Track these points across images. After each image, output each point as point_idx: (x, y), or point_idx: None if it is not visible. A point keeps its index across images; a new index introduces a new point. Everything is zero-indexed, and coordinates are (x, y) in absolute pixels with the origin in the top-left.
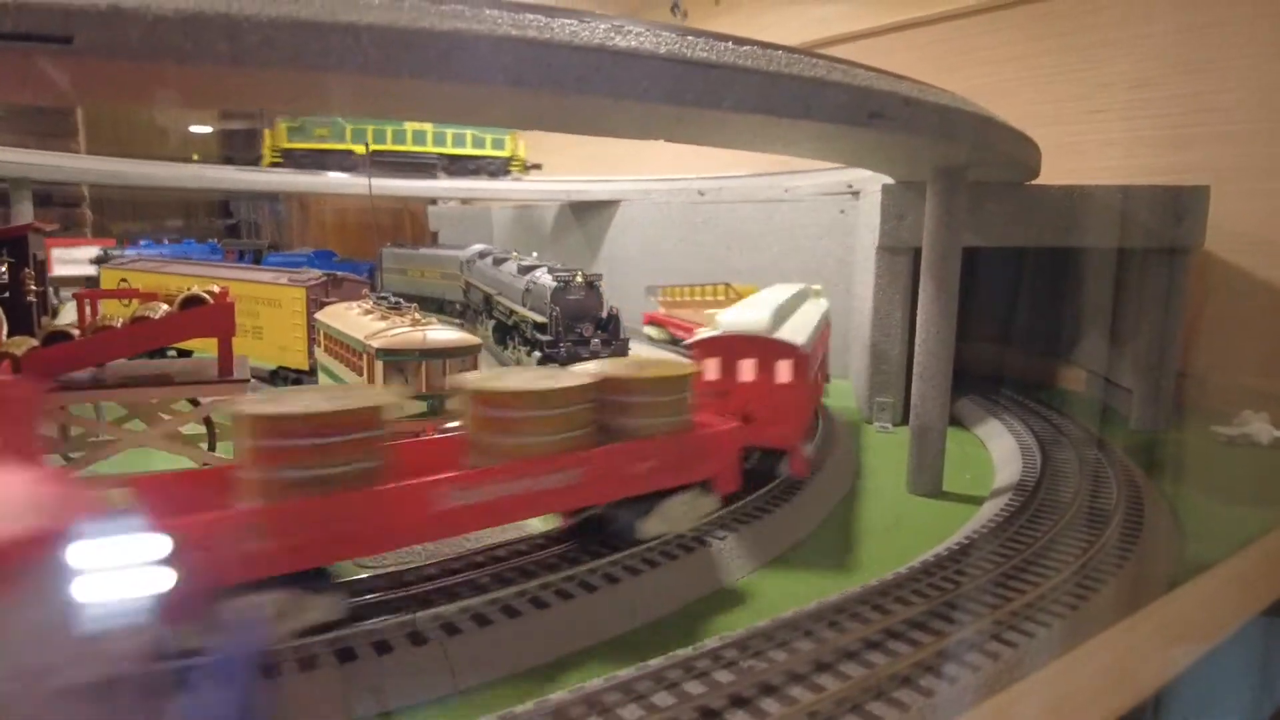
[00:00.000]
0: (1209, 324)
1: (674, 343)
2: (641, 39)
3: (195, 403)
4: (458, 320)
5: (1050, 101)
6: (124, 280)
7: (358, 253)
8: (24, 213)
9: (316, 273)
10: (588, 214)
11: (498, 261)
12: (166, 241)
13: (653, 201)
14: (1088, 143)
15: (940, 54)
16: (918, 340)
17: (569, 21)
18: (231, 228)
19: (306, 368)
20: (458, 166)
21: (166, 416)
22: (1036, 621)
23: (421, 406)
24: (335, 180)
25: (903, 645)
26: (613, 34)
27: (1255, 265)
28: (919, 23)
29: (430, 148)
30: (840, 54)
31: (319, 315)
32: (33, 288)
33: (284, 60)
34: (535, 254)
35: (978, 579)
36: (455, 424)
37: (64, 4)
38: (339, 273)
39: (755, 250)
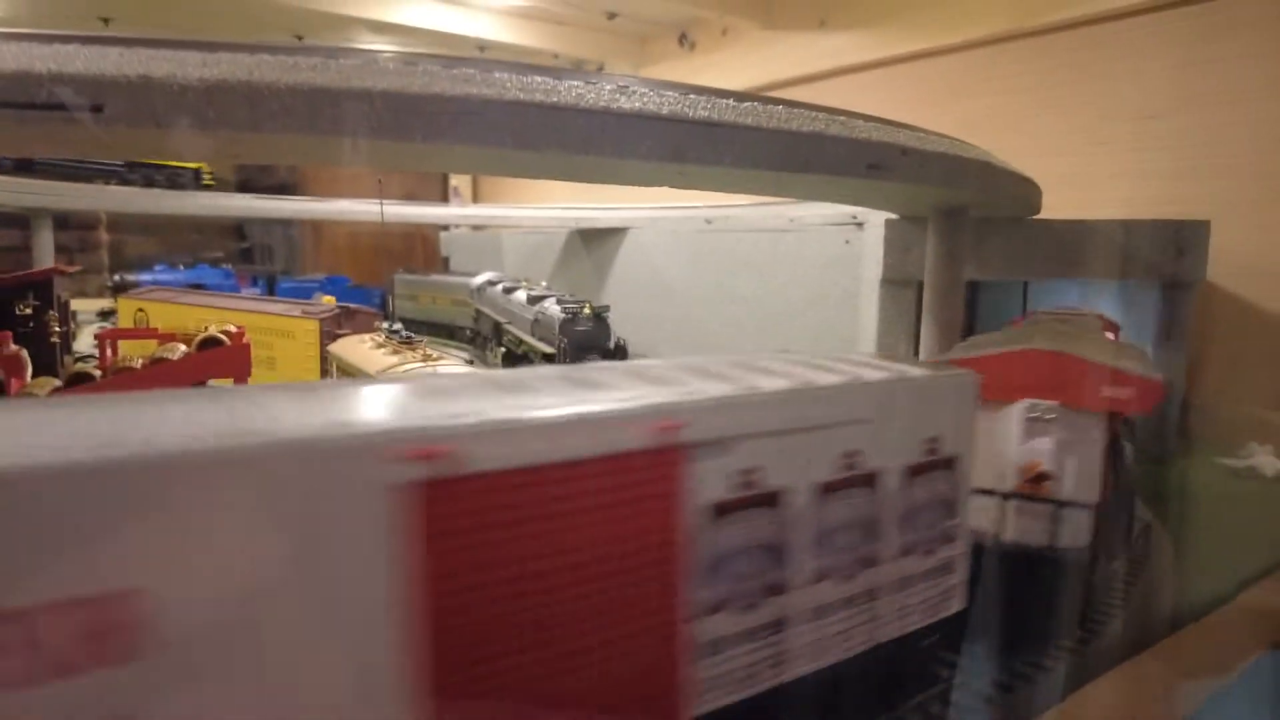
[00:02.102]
0: (1217, 355)
1: None
2: (645, 100)
3: None
4: (467, 347)
5: (1058, 132)
6: (141, 310)
7: (370, 277)
8: (44, 241)
9: (330, 305)
10: (596, 241)
11: (508, 290)
12: (181, 267)
13: (661, 229)
14: (1095, 173)
15: (947, 85)
16: None
17: (575, 83)
18: (245, 250)
19: None
20: (149, 175)
21: None
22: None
23: None
24: (346, 208)
25: None
26: (618, 95)
27: (1260, 297)
28: (926, 54)
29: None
30: (849, 84)
31: (332, 347)
32: (56, 329)
33: (301, 126)
34: (544, 283)
35: None
36: None
37: (96, 75)
38: (351, 305)
39: (761, 278)
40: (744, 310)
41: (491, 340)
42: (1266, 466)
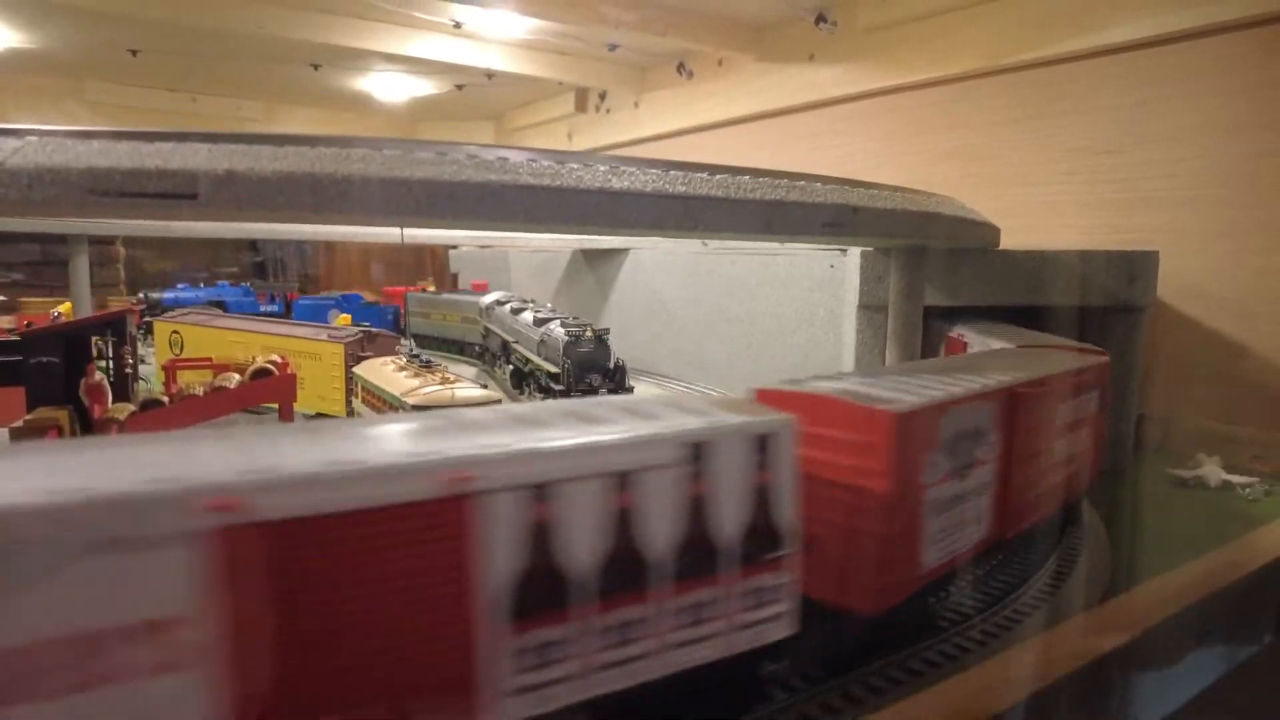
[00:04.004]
0: (1172, 370)
1: None
2: (633, 179)
3: None
4: (476, 362)
5: (1028, 163)
6: (175, 332)
7: (384, 292)
8: (81, 265)
9: (353, 329)
10: (599, 260)
11: (516, 310)
12: (202, 285)
13: (660, 251)
14: (1063, 202)
15: (926, 117)
16: None
17: (575, 166)
18: (258, 265)
19: (345, 414)
20: None
21: None
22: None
23: None
24: (364, 230)
25: None
26: (610, 176)
27: (1208, 318)
28: (907, 88)
29: None
30: (836, 114)
31: (357, 369)
32: (130, 361)
33: (353, 208)
34: (550, 305)
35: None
36: None
37: (192, 170)
38: (373, 328)
39: (753, 299)
40: (737, 329)
41: (500, 358)
42: (1211, 476)
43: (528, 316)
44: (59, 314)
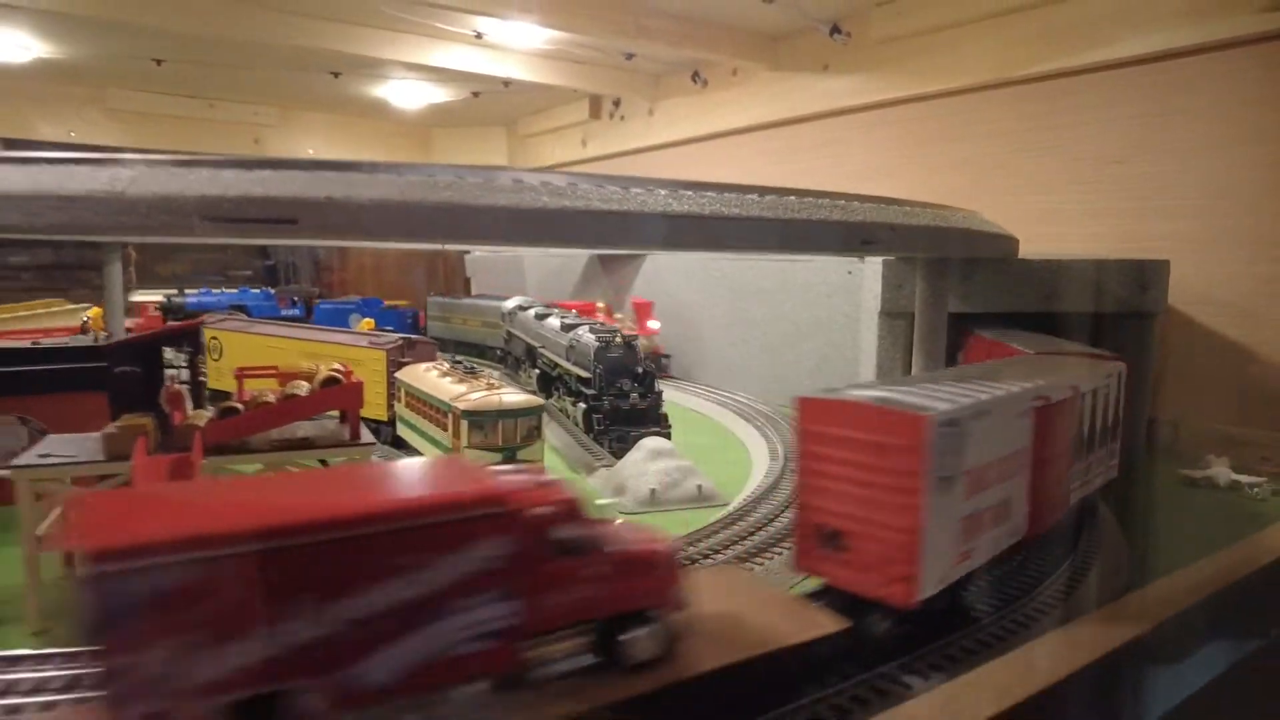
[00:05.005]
0: (1183, 375)
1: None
2: (690, 203)
3: (324, 462)
4: (499, 365)
5: (1036, 172)
6: (215, 338)
7: (398, 295)
8: (114, 272)
9: (394, 336)
10: (615, 264)
11: (540, 316)
12: (223, 290)
13: (677, 255)
14: (1070, 210)
15: (939, 127)
16: None
17: (639, 191)
18: (269, 268)
19: (386, 419)
20: None
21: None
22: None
23: (498, 457)
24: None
25: None
26: (670, 200)
27: (1216, 324)
28: (920, 98)
29: None
30: (850, 123)
31: (399, 375)
32: (203, 370)
33: (442, 232)
34: (574, 311)
35: None
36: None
37: (292, 197)
38: (412, 336)
39: (770, 304)
40: (754, 333)
41: (525, 362)
42: (1220, 476)
43: (554, 322)
44: (87, 318)
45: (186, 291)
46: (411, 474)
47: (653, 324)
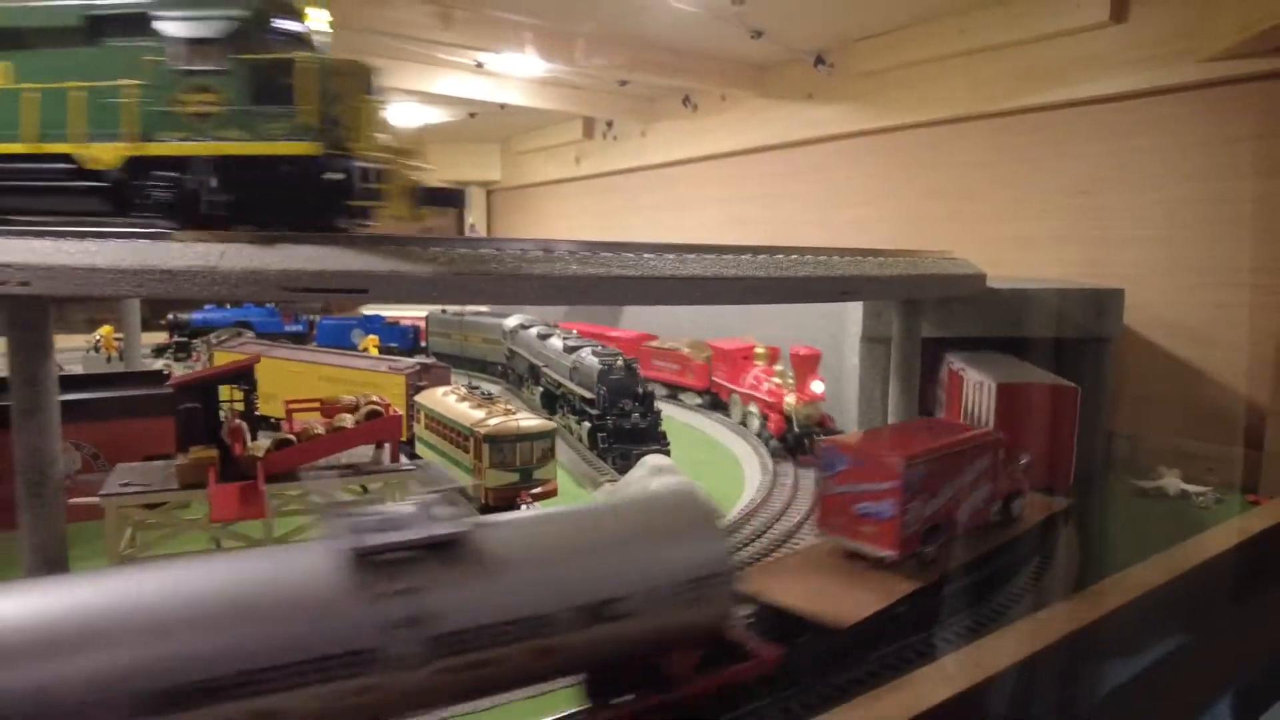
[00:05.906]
0: (1141, 393)
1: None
2: (695, 267)
3: (365, 489)
4: (500, 380)
5: (1007, 201)
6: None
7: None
8: (133, 303)
9: (411, 361)
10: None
11: (543, 336)
12: (228, 305)
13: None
14: (1038, 237)
15: (916, 156)
16: (890, 418)
17: (650, 256)
18: None
19: (405, 438)
20: None
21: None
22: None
23: (515, 477)
24: None
25: None
26: (678, 264)
27: (1173, 345)
28: (898, 128)
29: None
30: (832, 150)
31: (419, 398)
32: (258, 405)
33: (486, 296)
34: (575, 330)
35: None
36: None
37: (364, 271)
38: (426, 360)
39: (764, 324)
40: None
41: (528, 380)
42: (1170, 487)
43: (556, 343)
44: (99, 337)
45: (191, 310)
46: (942, 426)
47: (816, 386)
